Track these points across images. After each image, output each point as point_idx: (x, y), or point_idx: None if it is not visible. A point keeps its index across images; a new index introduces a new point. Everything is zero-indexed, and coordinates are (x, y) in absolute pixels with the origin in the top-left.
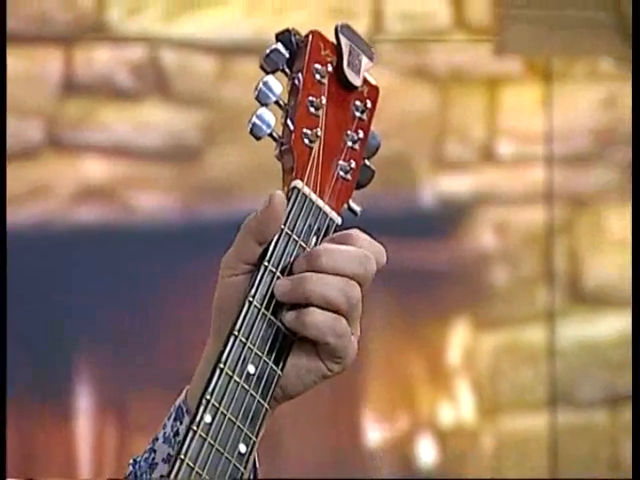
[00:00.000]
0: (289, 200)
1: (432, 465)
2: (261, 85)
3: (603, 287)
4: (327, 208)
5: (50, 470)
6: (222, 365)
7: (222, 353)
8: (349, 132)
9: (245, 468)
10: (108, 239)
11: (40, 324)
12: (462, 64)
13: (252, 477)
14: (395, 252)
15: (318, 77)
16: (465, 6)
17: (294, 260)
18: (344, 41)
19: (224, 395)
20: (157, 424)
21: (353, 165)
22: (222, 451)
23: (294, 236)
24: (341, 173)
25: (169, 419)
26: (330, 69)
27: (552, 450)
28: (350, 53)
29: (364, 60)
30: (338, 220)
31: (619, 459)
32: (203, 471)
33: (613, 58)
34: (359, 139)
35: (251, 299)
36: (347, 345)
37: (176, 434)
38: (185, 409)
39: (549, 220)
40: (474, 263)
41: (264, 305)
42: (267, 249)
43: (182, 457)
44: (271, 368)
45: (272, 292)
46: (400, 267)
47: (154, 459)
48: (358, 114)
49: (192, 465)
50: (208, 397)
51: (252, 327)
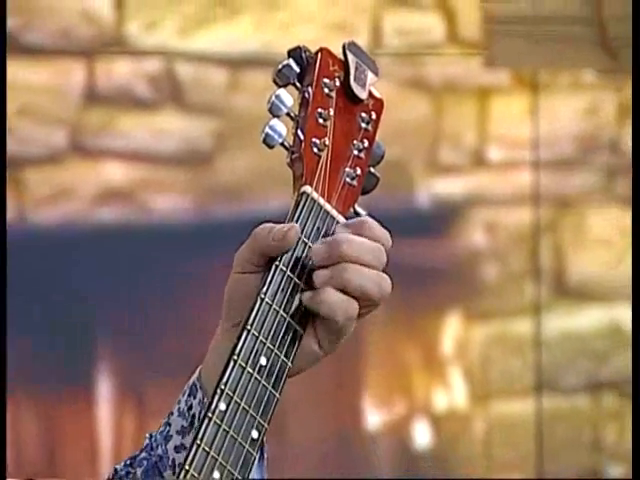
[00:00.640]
0: (299, 204)
1: (427, 447)
2: (273, 98)
3: (586, 282)
4: (334, 212)
5: (73, 453)
6: (236, 357)
7: (236, 346)
8: (355, 141)
9: (257, 452)
10: (127, 237)
11: (64, 316)
12: (455, 76)
13: (260, 454)
14: (393, 250)
15: (327, 91)
16: (457, 22)
17: (308, 253)
18: (351, 57)
19: (238, 385)
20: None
21: (359, 172)
22: (236, 437)
23: (303, 238)
24: (347, 179)
25: (183, 395)
26: (338, 83)
27: (538, 433)
28: (356, 68)
29: (369, 75)
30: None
31: (600, 442)
32: (218, 455)
33: (595, 70)
34: (364, 148)
35: (263, 296)
36: (349, 329)
37: (189, 408)
38: (198, 386)
39: (535, 220)
40: (466, 260)
41: (275, 302)
42: None
43: (198, 442)
44: (282, 360)
45: (283, 289)
46: (398, 264)
47: (169, 432)
48: (364, 125)
49: (208, 450)
50: (223, 387)
51: (264, 322)
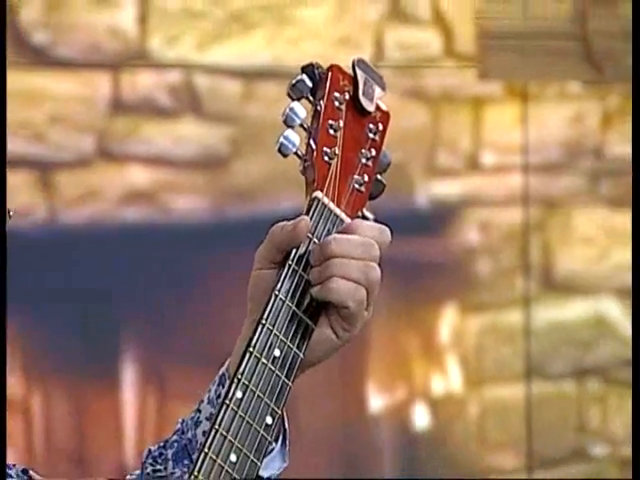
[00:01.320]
0: (310, 208)
1: (425, 429)
2: (288, 110)
3: (572, 277)
4: (343, 215)
5: (99, 435)
6: (251, 349)
7: (252, 339)
8: (363, 150)
9: (271, 437)
10: (149, 235)
11: (92, 309)
12: (451, 87)
13: (283, 440)
14: (394, 247)
15: (337, 104)
16: (453, 37)
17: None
18: (360, 73)
19: (253, 374)
20: (193, 394)
21: (366, 179)
22: (251, 422)
23: (314, 239)
24: (356, 186)
25: (213, 385)
26: (347, 97)
27: (528, 416)
28: (365, 83)
29: (377, 89)
30: None
31: (585, 424)
32: (235, 439)
33: (580, 81)
34: (372, 157)
35: (277, 292)
36: (360, 314)
37: (218, 397)
38: (227, 376)
39: (525, 219)
40: (462, 256)
41: (288, 298)
42: (291, 250)
43: (217, 427)
44: (294, 352)
45: (295, 286)
46: (399, 260)
47: (199, 418)
48: (371, 135)
49: (225, 434)
50: (239, 376)
51: (277, 316)
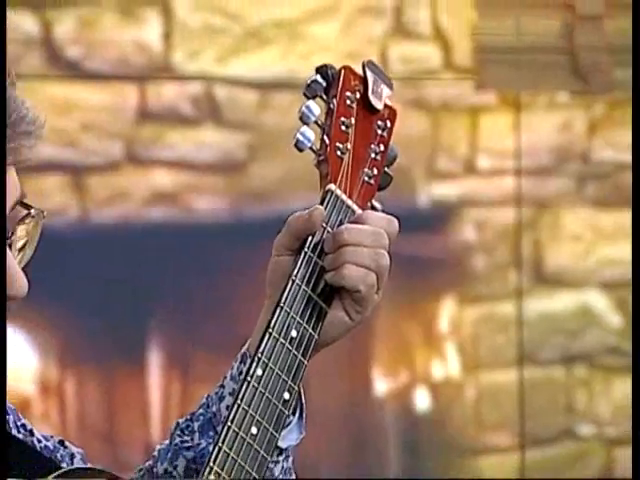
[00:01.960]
0: (324, 199)
1: (426, 410)
2: (304, 108)
3: (560, 271)
4: (354, 206)
5: (127, 416)
6: (271, 330)
7: (271, 321)
8: (373, 146)
9: (289, 411)
10: (173, 233)
11: (121, 300)
12: (450, 97)
13: (300, 413)
14: (398, 244)
15: (349, 102)
16: (452, 52)
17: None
18: (369, 74)
19: (272, 353)
20: (215, 378)
21: (375, 172)
22: (270, 397)
23: (328, 228)
24: (366, 178)
25: (235, 362)
26: (358, 96)
27: (520, 399)
28: (374, 83)
29: (385, 89)
30: None
31: (572, 406)
32: (255, 413)
33: (568, 92)
34: (381, 151)
35: (294, 278)
36: (371, 297)
37: (240, 374)
38: (248, 354)
39: (518, 219)
40: (459, 252)
41: (304, 283)
42: (307, 238)
43: (239, 402)
44: (309, 333)
45: (311, 272)
46: (401, 255)
47: (222, 393)
48: (380, 132)
49: (246, 408)
50: (259, 355)
51: (294, 300)
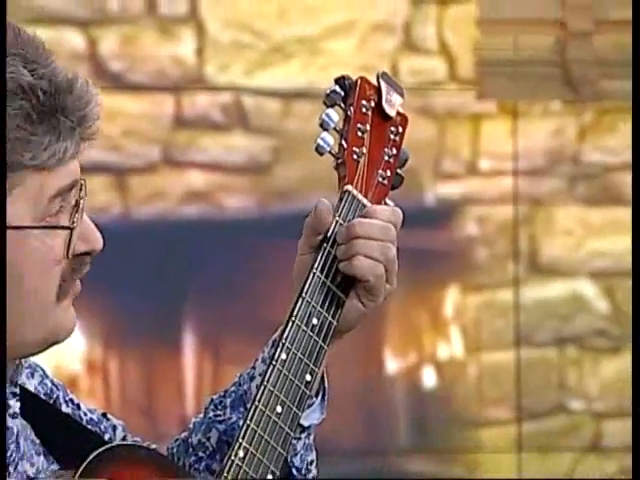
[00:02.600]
0: (342, 199)
1: (433, 387)
2: (323, 116)
3: (553, 262)
4: (369, 204)
5: (164, 392)
6: (293, 318)
7: (293, 310)
8: (386, 149)
9: (311, 392)
10: (205, 228)
11: (159, 287)
12: (454, 105)
13: (322, 395)
14: (407, 238)
15: (364, 110)
16: (456, 65)
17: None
18: (383, 84)
19: (295, 339)
20: (243, 359)
21: (389, 173)
22: (294, 379)
23: (345, 224)
24: (380, 179)
25: (266, 347)
26: (373, 104)
27: (517, 377)
28: (387, 92)
29: (397, 98)
30: None
31: (564, 383)
32: (280, 394)
33: (560, 101)
34: (393, 155)
35: (315, 271)
36: (381, 286)
37: (270, 357)
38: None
39: (515, 215)
40: (462, 245)
41: (324, 275)
42: (326, 234)
43: (265, 383)
44: (329, 320)
45: (330, 265)
46: (410, 249)
47: (253, 374)
48: (392, 136)
49: (272, 389)
50: (284, 341)
51: (315, 291)
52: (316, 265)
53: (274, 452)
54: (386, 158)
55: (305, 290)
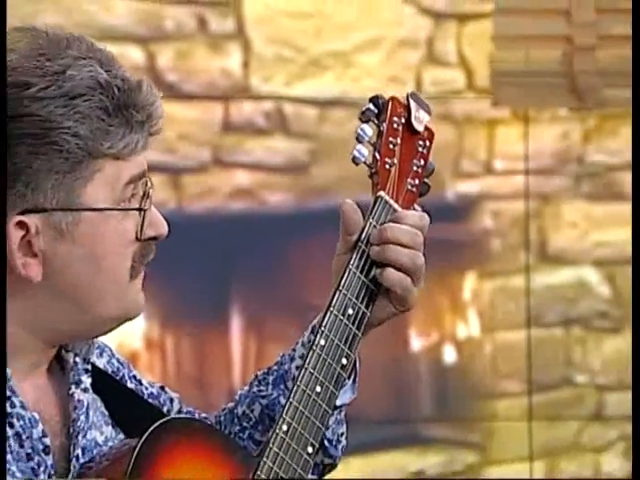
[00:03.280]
0: (375, 203)
1: (452, 363)
2: (359, 130)
3: (560, 251)
4: (399, 209)
5: (215, 367)
6: (332, 308)
7: (331, 300)
8: (415, 160)
9: (346, 374)
10: (250, 221)
11: (210, 273)
12: (472, 112)
13: (354, 377)
14: (430, 230)
15: (395, 125)
16: (474, 76)
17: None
18: (412, 102)
19: (333, 327)
20: (283, 336)
21: (417, 182)
22: (331, 362)
23: (378, 226)
24: (409, 187)
25: (306, 332)
26: (403, 120)
27: (528, 354)
28: (416, 110)
29: (425, 115)
30: None
31: (570, 359)
32: (319, 375)
33: (567, 108)
34: (421, 165)
35: (351, 267)
36: (409, 296)
37: (309, 341)
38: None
39: (526, 209)
40: (479, 237)
41: (359, 271)
42: (361, 234)
43: (306, 366)
44: (363, 310)
45: (364, 262)
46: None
47: (294, 355)
48: (420, 149)
49: (312, 371)
50: (323, 329)
51: (351, 285)
52: (352, 262)
53: (313, 427)
54: (415, 168)
55: (342, 284)
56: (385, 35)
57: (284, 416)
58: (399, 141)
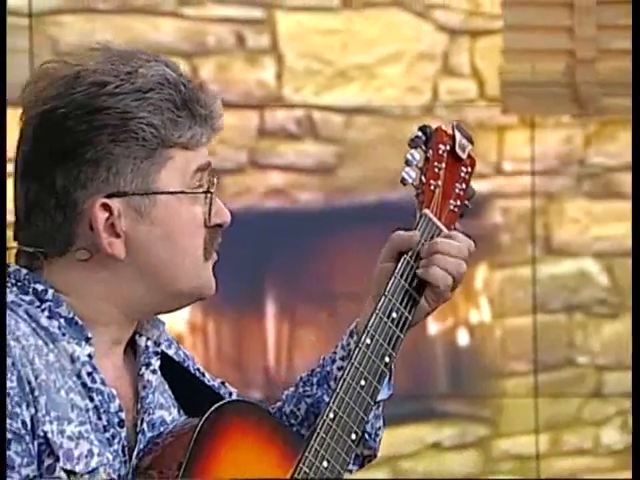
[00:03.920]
0: (420, 221)
1: (466, 346)
2: (408, 155)
3: (563, 245)
4: (442, 227)
5: (252, 350)
6: (377, 311)
7: (377, 304)
8: (457, 184)
9: (389, 371)
10: (283, 218)
11: (248, 265)
12: (483, 119)
13: (390, 375)
14: None
15: (441, 152)
16: (485, 86)
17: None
18: (457, 132)
19: (377, 328)
20: (314, 322)
21: (459, 203)
22: (375, 360)
23: (422, 240)
24: (451, 207)
25: (345, 335)
26: (448, 148)
27: (534, 337)
28: (460, 139)
29: (468, 144)
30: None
31: (572, 342)
32: (364, 370)
33: (570, 115)
34: (462, 188)
35: (396, 275)
36: (447, 293)
37: (348, 345)
38: (355, 331)
39: (533, 207)
40: (490, 231)
41: (403, 279)
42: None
43: (352, 362)
44: (405, 315)
45: (408, 272)
46: None
47: (334, 357)
48: (462, 174)
49: (358, 367)
50: (369, 329)
51: (396, 291)
52: (397, 271)
53: (357, 416)
54: (457, 191)
55: (387, 290)
56: (405, 49)
57: (331, 405)
58: (444, 166)
